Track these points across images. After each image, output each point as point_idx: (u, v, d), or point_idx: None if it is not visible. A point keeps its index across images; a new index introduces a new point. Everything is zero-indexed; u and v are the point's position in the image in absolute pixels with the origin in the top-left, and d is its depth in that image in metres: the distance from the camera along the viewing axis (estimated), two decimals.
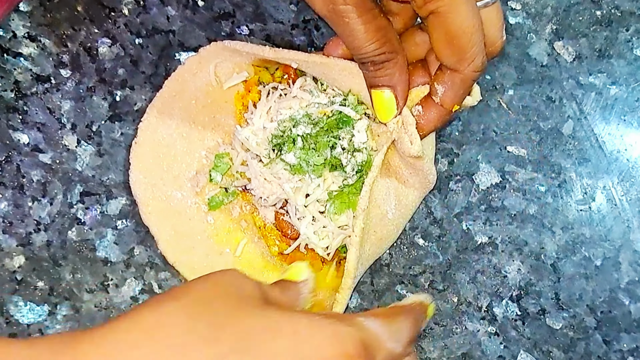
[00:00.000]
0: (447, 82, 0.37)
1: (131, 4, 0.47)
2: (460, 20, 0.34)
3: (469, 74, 0.36)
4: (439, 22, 0.34)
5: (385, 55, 0.36)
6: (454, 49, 0.35)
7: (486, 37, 0.36)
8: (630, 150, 0.48)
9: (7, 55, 0.45)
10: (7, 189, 0.44)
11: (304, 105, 0.42)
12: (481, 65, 0.36)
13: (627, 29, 0.50)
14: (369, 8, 0.35)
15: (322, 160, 0.40)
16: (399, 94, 0.38)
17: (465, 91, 0.37)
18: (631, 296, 0.46)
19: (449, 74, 0.37)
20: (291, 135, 0.41)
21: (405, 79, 0.38)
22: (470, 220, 0.47)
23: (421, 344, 0.44)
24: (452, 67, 0.36)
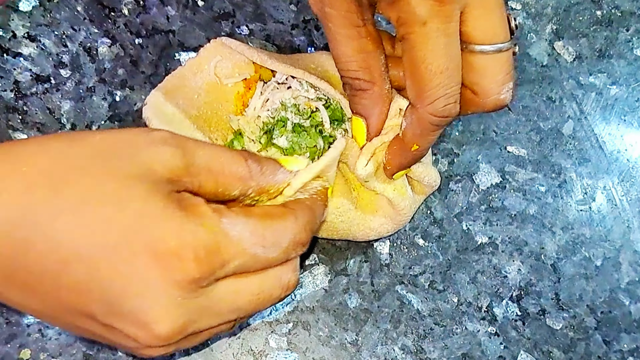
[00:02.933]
0: (407, 117, 0.35)
1: (131, 4, 0.47)
2: (425, 54, 0.32)
3: (424, 114, 0.33)
4: (407, 49, 0.32)
5: (360, 82, 0.35)
6: (414, 82, 0.33)
7: (479, 86, 0.33)
8: (631, 151, 0.48)
9: (6, 55, 0.45)
10: None
11: (295, 95, 0.42)
12: (442, 111, 0.33)
13: (628, 29, 0.50)
14: (355, 24, 0.33)
15: (314, 143, 0.40)
16: (370, 125, 0.36)
17: (423, 134, 0.35)
18: (631, 296, 0.46)
19: (409, 108, 0.34)
20: (280, 118, 0.40)
21: (379, 112, 0.36)
22: (470, 221, 0.46)
23: (421, 344, 0.44)
24: (411, 101, 0.34)
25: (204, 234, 0.27)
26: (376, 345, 0.44)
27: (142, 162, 0.28)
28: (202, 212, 0.28)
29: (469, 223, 0.46)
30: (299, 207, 0.31)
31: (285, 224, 0.30)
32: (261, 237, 0.29)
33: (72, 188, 0.26)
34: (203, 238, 0.27)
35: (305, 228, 0.31)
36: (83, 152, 0.27)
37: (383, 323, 0.44)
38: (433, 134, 0.35)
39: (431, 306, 0.45)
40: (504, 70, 0.33)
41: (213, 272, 0.28)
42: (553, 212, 0.47)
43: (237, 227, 0.28)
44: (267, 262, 0.30)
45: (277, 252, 0.30)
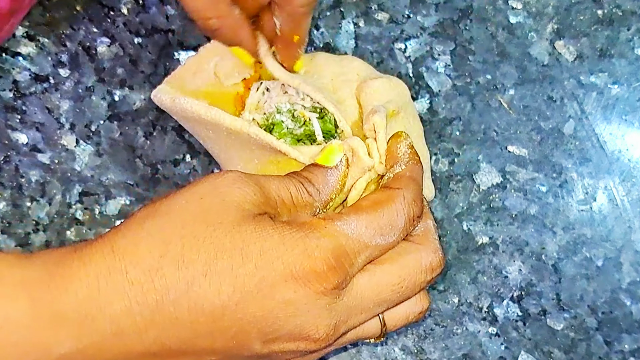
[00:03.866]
0: (278, 16, 0.38)
1: (130, 3, 0.47)
2: None
3: (294, 9, 0.37)
4: None
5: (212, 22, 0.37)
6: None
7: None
8: (632, 150, 0.48)
9: (5, 54, 0.45)
10: (6, 189, 0.44)
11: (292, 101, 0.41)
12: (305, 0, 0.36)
13: (629, 29, 0.50)
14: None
15: None
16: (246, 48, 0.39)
17: (299, 23, 0.38)
18: (632, 297, 0.46)
19: (278, 9, 0.38)
20: (274, 121, 0.40)
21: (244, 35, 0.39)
22: (470, 221, 0.46)
23: (422, 345, 0.44)
24: (277, 2, 0.37)
25: (327, 243, 0.29)
26: (376, 346, 0.44)
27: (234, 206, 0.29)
28: (317, 225, 0.30)
29: (469, 223, 0.46)
30: (402, 183, 0.33)
31: (395, 206, 0.31)
32: (377, 228, 0.30)
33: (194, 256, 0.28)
34: (328, 247, 0.29)
35: (415, 201, 0.32)
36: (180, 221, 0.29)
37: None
38: (307, 20, 0.39)
39: (431, 306, 0.45)
40: None
41: (347, 273, 0.29)
42: (554, 212, 0.47)
43: (352, 225, 0.30)
44: (391, 246, 0.31)
45: (396, 234, 0.31)
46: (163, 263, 0.27)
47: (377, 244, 0.30)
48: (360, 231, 0.30)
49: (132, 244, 0.28)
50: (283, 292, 0.28)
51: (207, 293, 0.27)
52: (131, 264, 0.27)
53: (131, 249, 0.28)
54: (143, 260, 0.28)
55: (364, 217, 0.31)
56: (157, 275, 0.27)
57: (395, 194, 0.32)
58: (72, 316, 0.27)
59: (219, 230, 0.28)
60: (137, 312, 0.27)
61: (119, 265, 0.27)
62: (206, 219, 0.29)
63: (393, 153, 0.35)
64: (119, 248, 0.28)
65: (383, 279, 0.31)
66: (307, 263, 0.28)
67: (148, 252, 0.28)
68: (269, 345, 0.29)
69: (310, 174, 0.33)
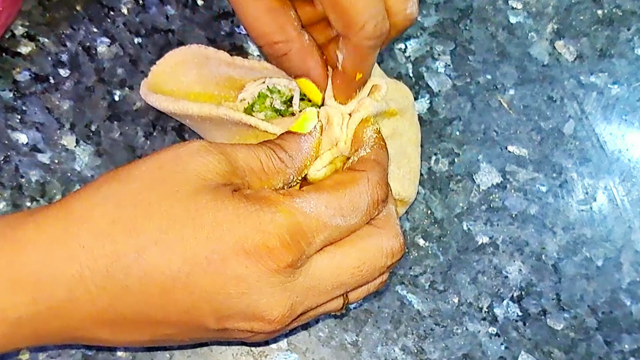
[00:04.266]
0: (342, 49, 0.34)
1: (130, 3, 0.47)
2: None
3: (359, 41, 0.33)
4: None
5: (280, 46, 0.34)
6: (338, 13, 0.32)
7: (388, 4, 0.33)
8: (632, 150, 0.48)
9: (5, 54, 0.45)
10: (6, 189, 0.44)
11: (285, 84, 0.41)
12: (374, 31, 0.32)
13: (629, 29, 0.50)
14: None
15: None
16: (314, 80, 0.36)
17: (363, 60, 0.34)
18: (632, 297, 0.46)
19: (342, 41, 0.34)
20: (261, 94, 0.40)
21: (314, 63, 0.35)
22: (470, 221, 0.46)
23: (422, 345, 0.44)
24: (342, 34, 0.33)
25: (283, 219, 0.28)
26: (376, 346, 0.44)
27: (194, 176, 0.28)
28: (274, 200, 0.29)
29: (469, 223, 0.46)
30: (367, 165, 0.32)
31: (358, 188, 0.31)
32: (338, 208, 0.30)
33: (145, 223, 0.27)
34: (283, 223, 0.28)
35: (380, 184, 0.31)
36: (136, 187, 0.28)
37: (383, 323, 0.44)
38: (372, 57, 0.35)
39: (432, 306, 0.45)
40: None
41: (302, 251, 0.29)
42: (554, 212, 0.47)
43: (312, 204, 0.29)
44: (353, 229, 0.31)
45: (359, 217, 0.30)
46: (114, 229, 0.27)
47: (337, 225, 0.30)
48: (319, 210, 0.29)
49: (87, 208, 0.28)
50: (234, 267, 0.27)
51: (158, 263, 0.27)
52: (84, 228, 0.27)
53: (85, 212, 0.27)
54: (95, 224, 0.27)
55: (325, 196, 0.30)
56: (108, 240, 0.27)
57: (359, 176, 0.31)
58: (27, 280, 0.27)
59: (174, 199, 0.28)
60: (88, 278, 0.27)
61: (72, 229, 0.27)
62: (163, 187, 0.28)
63: (359, 137, 0.34)
64: (73, 211, 0.28)
65: (343, 262, 0.30)
66: (259, 238, 0.28)
67: (101, 217, 0.27)
68: (223, 323, 0.29)
69: (283, 141, 0.33)
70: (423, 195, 0.46)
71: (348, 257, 0.30)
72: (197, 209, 0.28)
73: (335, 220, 0.30)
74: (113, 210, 0.28)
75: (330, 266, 0.30)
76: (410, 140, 0.42)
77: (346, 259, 0.30)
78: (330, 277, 0.30)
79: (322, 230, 0.29)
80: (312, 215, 0.29)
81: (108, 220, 0.27)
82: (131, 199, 0.28)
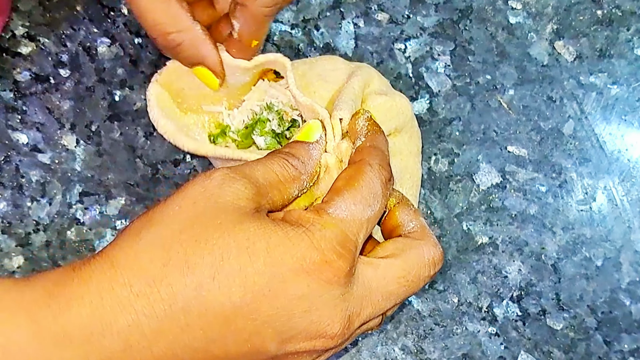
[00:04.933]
0: (240, 17, 0.35)
1: None
2: None
3: (257, 9, 0.35)
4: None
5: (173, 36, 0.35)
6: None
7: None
8: (631, 150, 0.48)
9: (6, 54, 0.45)
10: (6, 189, 0.44)
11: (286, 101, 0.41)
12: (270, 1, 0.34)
13: (628, 29, 0.50)
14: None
15: None
16: (210, 67, 0.36)
17: (259, 27, 0.36)
18: (632, 297, 0.46)
19: (239, 10, 0.35)
20: (262, 119, 0.40)
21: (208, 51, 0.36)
22: (470, 221, 0.46)
23: (421, 345, 0.44)
24: (240, 2, 0.35)
25: (330, 233, 0.29)
26: (376, 346, 0.44)
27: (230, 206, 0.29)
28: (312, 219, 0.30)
29: (469, 223, 0.46)
30: (365, 154, 0.33)
31: (367, 175, 0.31)
32: (363, 200, 0.31)
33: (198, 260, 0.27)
34: (332, 236, 0.29)
35: (382, 166, 0.32)
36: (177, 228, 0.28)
37: (383, 323, 0.44)
38: (267, 25, 0.36)
39: (431, 306, 0.45)
40: None
41: (354, 256, 0.29)
42: (553, 212, 0.47)
43: (343, 207, 0.30)
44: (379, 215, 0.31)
45: (379, 201, 0.31)
46: (167, 271, 0.27)
47: (369, 217, 0.30)
48: (352, 210, 0.30)
49: (132, 256, 0.27)
50: (296, 287, 0.28)
51: (217, 296, 0.27)
52: (134, 276, 0.27)
53: (131, 261, 0.27)
54: (146, 271, 0.27)
55: (348, 195, 0.30)
56: (163, 284, 0.27)
57: (362, 164, 0.32)
58: (77, 335, 0.26)
59: (220, 231, 0.28)
60: (145, 324, 0.26)
61: (121, 279, 0.27)
62: (204, 222, 0.28)
63: (353, 129, 0.35)
64: (119, 262, 0.27)
65: (389, 272, 0.31)
66: (316, 255, 0.28)
67: (150, 262, 0.27)
68: (285, 346, 0.29)
69: (292, 149, 0.33)
70: (423, 195, 0.46)
71: (393, 266, 0.31)
72: (247, 237, 0.28)
73: (366, 213, 0.30)
74: (161, 253, 0.27)
75: (377, 275, 0.31)
76: (411, 153, 0.42)
77: (391, 268, 0.31)
78: (378, 286, 0.31)
79: (361, 229, 0.30)
80: (349, 218, 0.30)
81: (158, 264, 0.27)
82: (176, 239, 0.28)
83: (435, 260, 0.32)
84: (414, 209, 0.35)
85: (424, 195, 0.46)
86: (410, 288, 0.32)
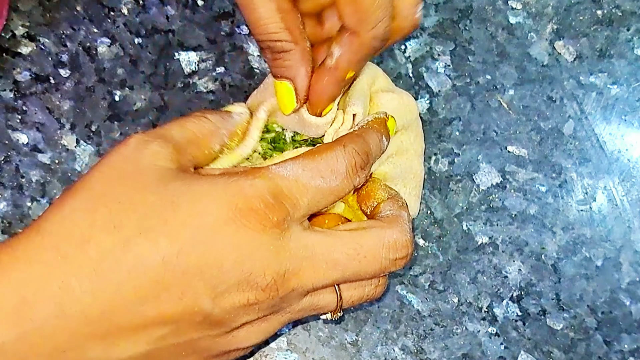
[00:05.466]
0: (345, 44, 0.34)
1: (130, 4, 0.47)
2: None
3: (368, 40, 0.33)
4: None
5: (283, 44, 0.34)
6: (356, 7, 0.32)
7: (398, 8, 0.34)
8: (631, 150, 0.48)
9: (6, 54, 0.45)
10: (6, 189, 0.44)
11: None
12: (383, 34, 0.33)
13: (628, 29, 0.50)
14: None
15: None
16: (297, 87, 0.35)
17: (362, 59, 0.34)
18: (632, 297, 0.46)
19: (348, 36, 0.33)
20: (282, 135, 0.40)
21: (305, 72, 0.35)
22: (470, 221, 0.46)
23: (421, 345, 0.44)
24: (353, 28, 0.33)
25: (262, 183, 0.29)
26: (376, 346, 0.44)
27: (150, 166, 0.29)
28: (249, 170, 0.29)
29: (469, 223, 0.46)
30: (345, 137, 0.33)
31: (333, 153, 0.31)
32: (315, 170, 0.30)
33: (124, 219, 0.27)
34: (263, 186, 0.28)
35: (358, 152, 0.32)
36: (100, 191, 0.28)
37: (383, 323, 0.44)
38: (370, 57, 0.35)
39: (431, 306, 0.45)
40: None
41: (287, 211, 0.29)
42: (553, 212, 0.47)
43: (288, 168, 0.30)
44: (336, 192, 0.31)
45: (339, 179, 0.31)
46: (93, 232, 0.27)
47: (317, 186, 0.30)
48: (297, 173, 0.30)
49: (58, 222, 0.27)
50: (223, 236, 0.27)
51: (145, 250, 0.27)
52: (61, 240, 0.27)
53: (57, 226, 0.27)
54: (72, 234, 0.27)
55: (300, 161, 0.30)
56: (90, 244, 0.27)
57: (334, 143, 0.32)
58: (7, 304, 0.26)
59: (144, 191, 0.28)
60: (76, 286, 0.26)
61: (48, 244, 0.27)
62: (126, 184, 0.28)
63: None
64: (45, 228, 0.27)
65: (338, 241, 0.31)
66: (243, 202, 0.28)
67: (75, 225, 0.27)
68: (219, 302, 0.28)
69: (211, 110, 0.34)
70: (423, 195, 0.46)
71: (343, 238, 0.31)
72: (172, 193, 0.28)
73: (315, 181, 0.30)
74: (85, 215, 0.27)
75: (324, 241, 0.30)
76: (416, 153, 0.42)
77: (341, 239, 0.31)
78: (323, 252, 0.30)
79: (304, 193, 0.30)
80: (291, 177, 0.29)
81: (84, 226, 0.27)
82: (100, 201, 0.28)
83: (397, 244, 0.32)
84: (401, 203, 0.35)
85: (424, 195, 0.46)
86: (363, 264, 0.31)
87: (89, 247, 0.27)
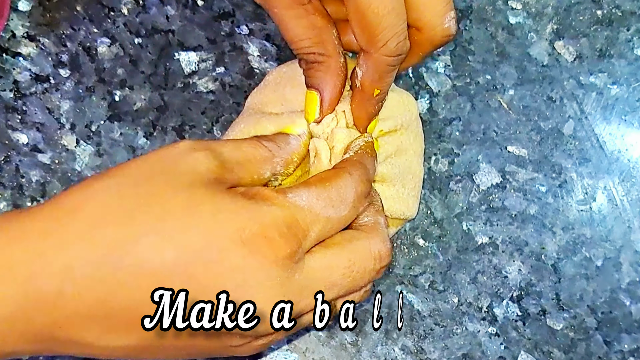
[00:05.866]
0: (363, 65, 0.34)
1: (130, 4, 0.47)
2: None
3: (380, 57, 0.33)
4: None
5: (315, 56, 0.35)
6: (363, 28, 0.33)
7: (422, 21, 0.34)
8: (631, 150, 0.48)
9: (6, 55, 0.45)
10: (6, 189, 0.44)
11: None
12: (396, 50, 0.33)
13: (628, 29, 0.50)
14: (300, 2, 0.33)
15: None
16: (323, 98, 0.36)
17: (382, 77, 0.35)
18: (632, 297, 0.46)
19: (364, 56, 0.34)
20: None
21: (333, 85, 0.35)
22: (470, 221, 0.46)
23: (421, 345, 0.44)
24: (365, 49, 0.34)
25: (279, 212, 0.28)
26: (376, 346, 0.44)
27: (186, 171, 0.29)
28: (267, 195, 0.29)
29: (469, 223, 0.46)
30: (348, 163, 0.33)
31: (342, 181, 0.32)
32: (328, 199, 0.30)
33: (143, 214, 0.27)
34: (280, 215, 0.28)
35: (362, 179, 0.32)
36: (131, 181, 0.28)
37: (383, 323, 0.44)
38: (391, 75, 0.35)
39: (431, 306, 0.45)
40: (443, 1, 0.34)
41: (299, 244, 0.29)
42: (553, 212, 0.47)
43: (304, 197, 0.30)
44: (343, 221, 0.31)
45: (347, 208, 0.31)
46: (108, 219, 0.27)
47: (329, 217, 0.30)
48: (311, 202, 0.30)
49: (80, 200, 0.27)
50: (231, 258, 0.27)
51: (150, 252, 0.26)
52: (76, 219, 0.27)
53: (77, 205, 0.27)
54: (89, 215, 0.27)
55: (314, 189, 0.30)
56: (100, 229, 0.26)
57: (341, 170, 0.32)
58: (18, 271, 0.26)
59: (172, 191, 0.28)
60: (77, 268, 0.26)
61: (65, 220, 0.27)
62: (156, 181, 0.28)
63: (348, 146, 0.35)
64: (65, 205, 0.27)
65: (333, 261, 0.30)
66: (257, 228, 0.27)
67: (94, 208, 0.27)
68: None
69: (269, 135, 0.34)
70: (423, 195, 0.46)
71: (338, 257, 0.31)
72: (194, 200, 0.28)
73: (327, 211, 0.30)
74: (108, 200, 0.27)
75: (322, 265, 0.30)
76: (415, 153, 0.42)
77: (336, 258, 0.31)
78: (322, 277, 0.30)
79: (316, 223, 0.30)
80: (306, 207, 0.29)
81: (100, 210, 0.27)
82: (124, 191, 0.28)
83: (382, 254, 0.32)
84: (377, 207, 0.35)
85: (424, 195, 0.46)
86: (354, 280, 0.31)
87: (97, 232, 0.27)
